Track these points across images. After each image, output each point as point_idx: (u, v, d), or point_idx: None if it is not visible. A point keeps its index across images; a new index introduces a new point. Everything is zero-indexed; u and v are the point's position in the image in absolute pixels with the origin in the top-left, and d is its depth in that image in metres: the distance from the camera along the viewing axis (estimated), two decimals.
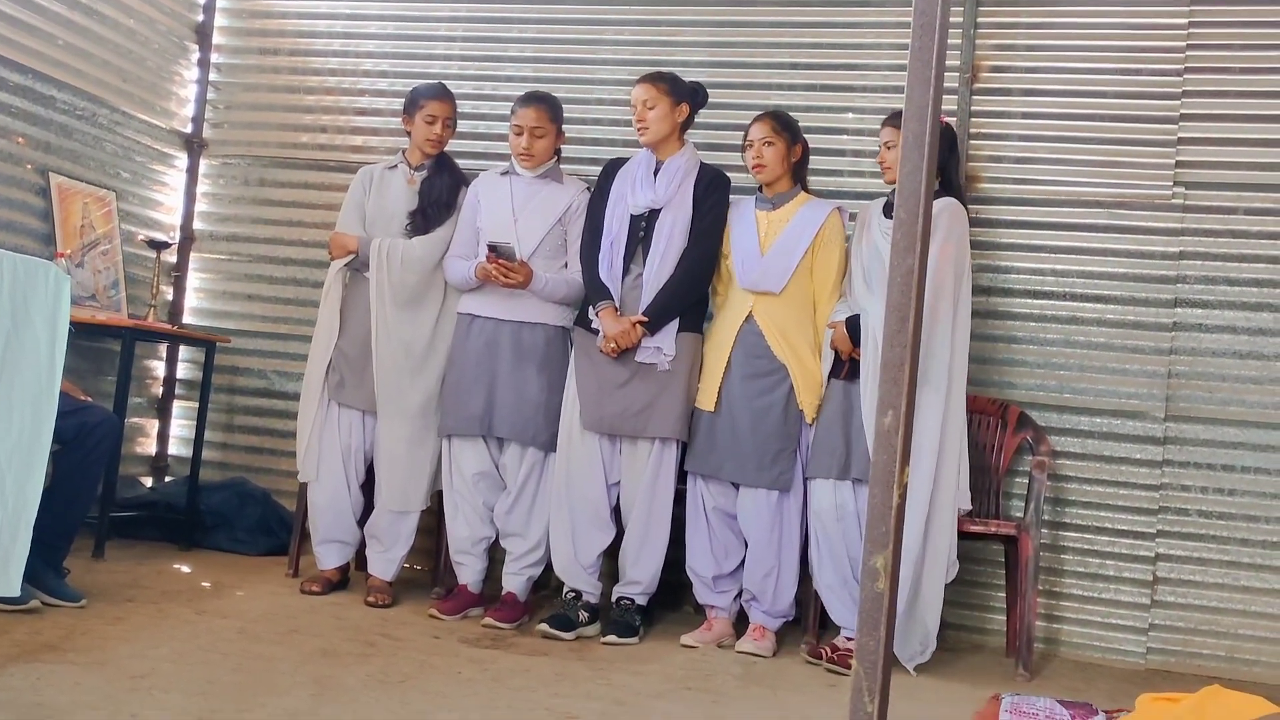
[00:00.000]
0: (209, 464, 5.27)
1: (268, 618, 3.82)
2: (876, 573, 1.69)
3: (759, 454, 4.06)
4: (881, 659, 1.68)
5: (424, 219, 4.42)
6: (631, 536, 4.17)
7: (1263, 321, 4.46)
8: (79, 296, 4.57)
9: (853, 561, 3.97)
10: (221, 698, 2.84)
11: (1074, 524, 4.55)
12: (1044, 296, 4.65)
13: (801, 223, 4.15)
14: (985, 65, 4.79)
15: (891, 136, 4.09)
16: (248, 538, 4.98)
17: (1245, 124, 4.54)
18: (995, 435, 4.46)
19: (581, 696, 3.22)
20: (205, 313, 5.56)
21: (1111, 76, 4.67)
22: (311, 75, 5.56)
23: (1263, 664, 4.34)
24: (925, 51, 1.75)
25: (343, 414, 4.41)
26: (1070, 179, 4.68)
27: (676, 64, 4.71)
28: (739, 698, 3.41)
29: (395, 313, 4.35)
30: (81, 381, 4.40)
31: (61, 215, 4.73)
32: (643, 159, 4.26)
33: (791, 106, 4.65)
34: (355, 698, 2.97)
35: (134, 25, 5.20)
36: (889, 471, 1.70)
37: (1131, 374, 4.55)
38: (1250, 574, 4.39)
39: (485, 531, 4.30)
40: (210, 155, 5.63)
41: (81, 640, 3.25)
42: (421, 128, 4.46)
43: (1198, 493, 4.47)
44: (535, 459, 4.24)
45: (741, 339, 4.14)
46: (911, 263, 1.72)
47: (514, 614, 4.14)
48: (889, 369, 1.73)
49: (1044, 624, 4.49)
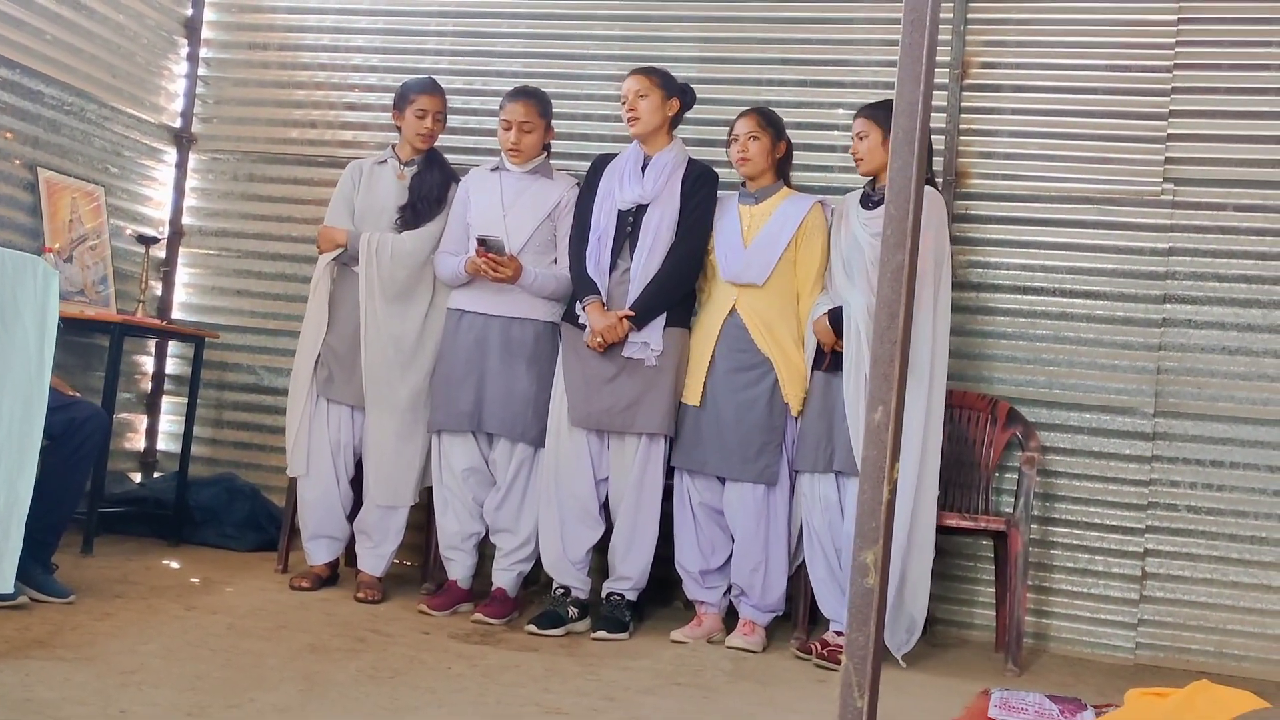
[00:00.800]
0: (198, 459, 5.26)
1: (257, 613, 3.82)
2: (866, 568, 1.68)
3: (744, 448, 4.06)
4: (871, 654, 1.68)
5: (414, 214, 4.41)
6: (620, 532, 4.17)
7: (1251, 318, 4.47)
8: (67, 292, 4.56)
9: (839, 554, 3.98)
10: (211, 693, 2.84)
11: (1063, 519, 4.57)
12: (1033, 292, 4.66)
13: (784, 216, 4.16)
14: (975, 61, 4.79)
15: (863, 128, 4.11)
16: (237, 533, 4.97)
17: (1234, 120, 4.55)
18: (984, 431, 4.46)
19: (571, 692, 3.22)
20: (194, 308, 5.55)
21: (1101, 73, 4.68)
22: (301, 70, 5.55)
23: (1251, 659, 4.36)
24: (915, 47, 1.75)
25: (331, 409, 4.41)
26: (1060, 175, 4.69)
27: (666, 59, 4.72)
28: (729, 693, 3.41)
29: (384, 307, 4.34)
30: (70, 377, 4.39)
31: (50, 210, 4.72)
32: (631, 154, 4.26)
33: (781, 102, 4.66)
34: (345, 693, 2.97)
35: (123, 20, 5.18)
36: (879, 467, 1.70)
37: (1121, 370, 4.56)
38: (1239, 569, 4.41)
39: (475, 527, 4.30)
40: (199, 150, 5.62)
41: (71, 636, 3.24)
42: (412, 122, 4.45)
43: (1187, 488, 4.48)
44: (525, 455, 4.24)
45: (725, 333, 4.14)
46: (901, 259, 1.72)
47: (504, 610, 4.14)
48: (879, 364, 1.73)
49: (1033, 619, 4.51)
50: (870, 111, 4.13)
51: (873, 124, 4.08)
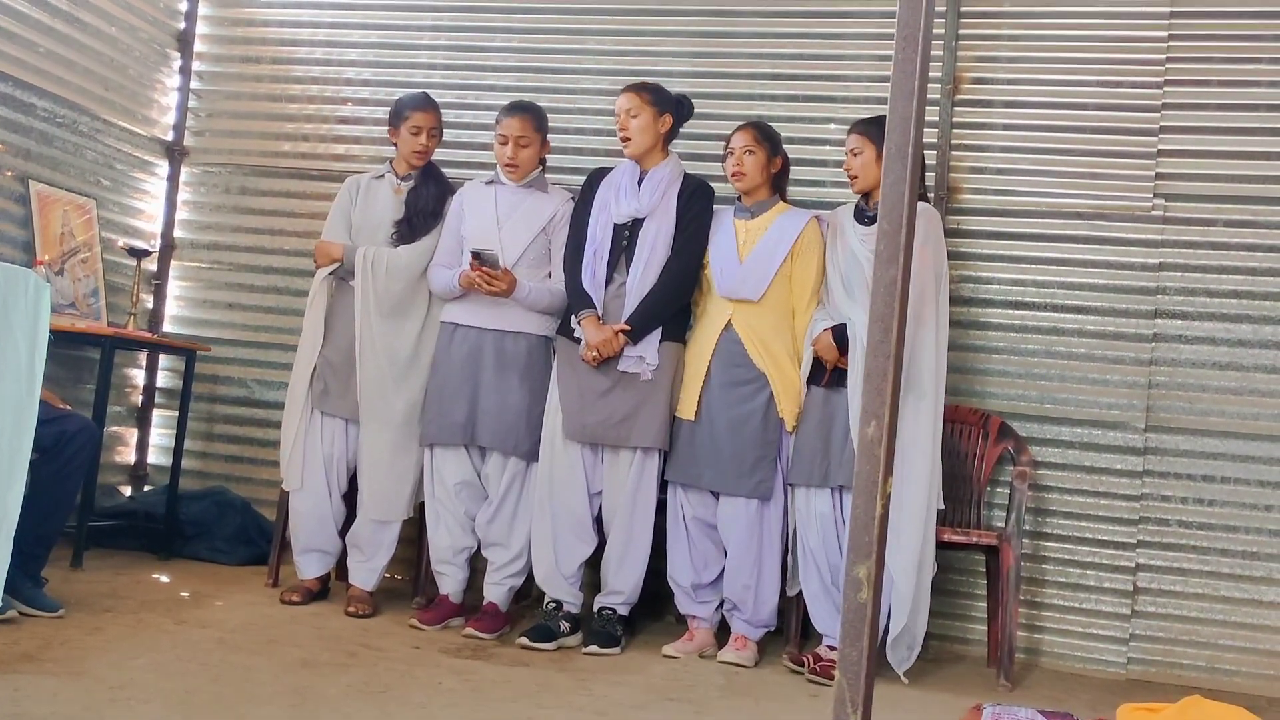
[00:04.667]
0: (188, 473, 5.24)
1: (247, 628, 3.80)
2: (860, 583, 1.68)
3: (738, 462, 4.06)
4: (865, 669, 1.68)
5: (410, 228, 4.41)
6: (613, 546, 4.16)
7: (1242, 333, 4.49)
8: (59, 304, 4.55)
9: (833, 569, 3.97)
10: (200, 708, 2.83)
11: (1055, 534, 4.57)
12: (1025, 307, 4.67)
13: (779, 231, 4.16)
14: (967, 77, 4.81)
15: (857, 143, 4.11)
16: (227, 547, 4.95)
17: (1225, 136, 4.57)
18: (976, 445, 4.47)
19: (563, 707, 3.21)
20: (185, 321, 5.54)
21: (1092, 89, 4.69)
22: (293, 83, 5.55)
23: (1243, 674, 4.36)
24: (908, 63, 1.76)
25: (326, 422, 4.40)
26: (1051, 190, 4.70)
27: (659, 74, 4.72)
28: (721, 708, 3.40)
29: (380, 321, 4.34)
30: (61, 390, 4.38)
31: (41, 223, 4.71)
32: (627, 169, 4.26)
33: (773, 117, 4.66)
34: (335, 708, 2.96)
35: (115, 33, 5.18)
36: (872, 481, 1.70)
37: (1112, 385, 4.57)
38: (1230, 584, 4.41)
39: (467, 541, 4.29)
40: (191, 163, 5.61)
41: (60, 651, 3.22)
42: (407, 139, 4.45)
43: (1178, 503, 4.49)
44: (517, 469, 4.23)
45: (720, 347, 4.14)
46: (895, 273, 1.72)
47: (495, 624, 4.13)
48: (872, 379, 1.73)
49: (1025, 634, 4.50)
50: (864, 127, 4.13)
51: (866, 140, 4.08)
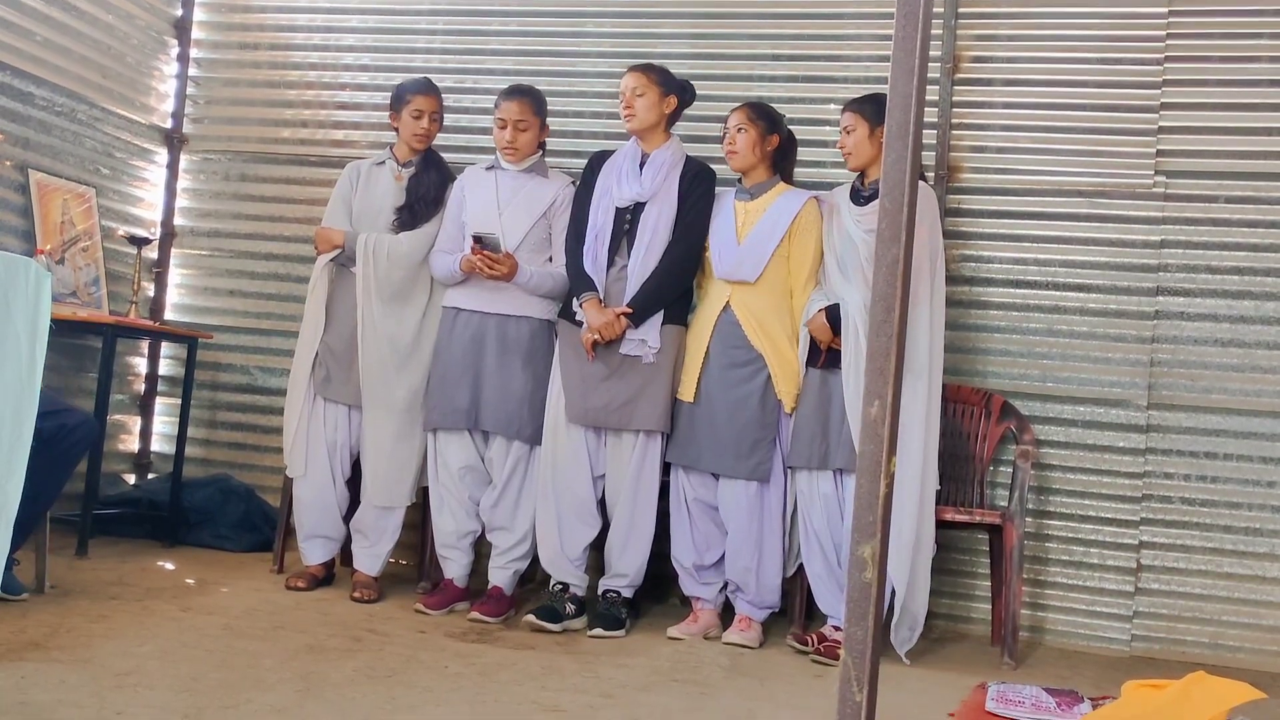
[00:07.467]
0: (192, 460, 5.24)
1: (252, 614, 3.81)
2: (864, 562, 1.69)
3: (737, 444, 4.06)
4: (870, 649, 1.68)
5: (411, 214, 4.40)
6: (617, 529, 4.17)
7: (1244, 309, 4.48)
8: (59, 294, 4.54)
9: (837, 549, 3.98)
10: (207, 695, 2.83)
11: (1058, 512, 4.57)
12: (1026, 286, 4.67)
13: (777, 212, 4.15)
14: (967, 55, 4.79)
15: (850, 121, 4.10)
16: (232, 534, 4.96)
17: (1225, 112, 4.56)
18: (979, 425, 4.47)
19: (569, 690, 3.22)
20: (187, 309, 5.53)
21: (1092, 66, 4.68)
22: (292, 69, 5.53)
23: (1247, 650, 4.37)
24: (909, 41, 1.75)
25: (328, 409, 4.40)
26: (1052, 168, 4.69)
27: (658, 55, 4.70)
28: (726, 689, 3.41)
29: (381, 308, 4.34)
30: (63, 379, 4.38)
31: (41, 212, 4.70)
32: (629, 152, 4.25)
33: (773, 98, 4.65)
34: (341, 693, 2.96)
35: (113, 20, 5.17)
36: (876, 461, 1.70)
37: (1114, 362, 4.57)
38: (1233, 560, 4.42)
39: (471, 525, 4.30)
40: (191, 150, 5.60)
41: (66, 638, 3.23)
42: (408, 123, 4.45)
43: (1181, 480, 4.49)
44: (521, 452, 4.24)
45: (719, 329, 4.14)
46: (896, 252, 1.72)
47: (500, 608, 4.14)
48: (874, 359, 1.73)
49: (1029, 612, 4.51)
50: (856, 105, 4.12)
51: (859, 117, 4.07)
